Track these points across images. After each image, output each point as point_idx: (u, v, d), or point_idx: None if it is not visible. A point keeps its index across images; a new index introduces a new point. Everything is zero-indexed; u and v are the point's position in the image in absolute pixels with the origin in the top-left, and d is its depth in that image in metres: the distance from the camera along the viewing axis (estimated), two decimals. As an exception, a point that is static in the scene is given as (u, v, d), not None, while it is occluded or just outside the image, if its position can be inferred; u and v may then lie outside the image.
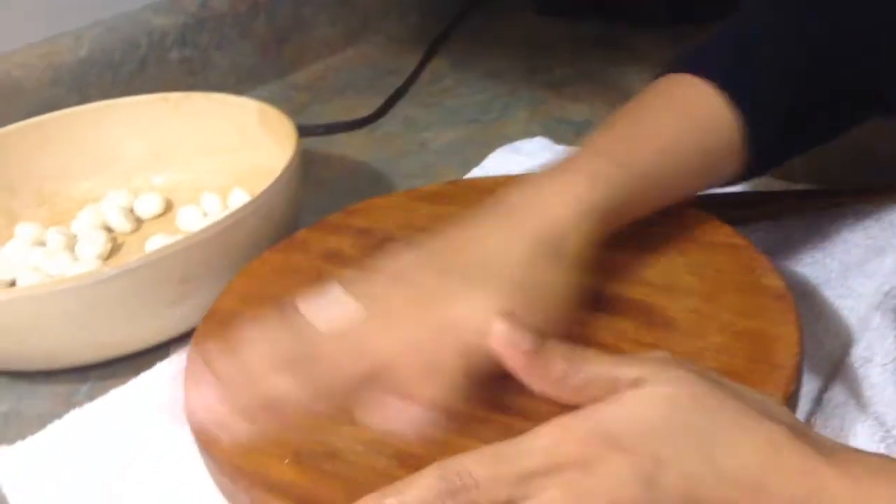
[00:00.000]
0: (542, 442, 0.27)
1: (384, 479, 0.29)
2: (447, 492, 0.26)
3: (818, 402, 0.37)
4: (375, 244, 0.44)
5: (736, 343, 0.34)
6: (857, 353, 0.39)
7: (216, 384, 0.31)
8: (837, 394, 0.37)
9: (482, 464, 0.26)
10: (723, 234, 0.42)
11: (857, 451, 0.27)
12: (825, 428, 0.35)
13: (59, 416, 0.40)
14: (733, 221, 0.43)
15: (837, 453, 0.26)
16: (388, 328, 0.32)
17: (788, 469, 0.25)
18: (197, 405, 0.32)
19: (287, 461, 0.31)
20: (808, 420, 0.36)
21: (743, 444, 0.26)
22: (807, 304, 0.42)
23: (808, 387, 0.37)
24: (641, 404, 0.26)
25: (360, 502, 0.27)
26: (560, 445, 0.26)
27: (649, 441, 0.26)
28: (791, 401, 0.33)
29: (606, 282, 0.39)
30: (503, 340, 0.28)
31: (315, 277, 0.42)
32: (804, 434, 0.26)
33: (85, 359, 0.43)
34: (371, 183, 0.61)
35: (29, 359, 0.43)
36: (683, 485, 0.25)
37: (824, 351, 0.39)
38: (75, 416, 0.40)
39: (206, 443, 0.33)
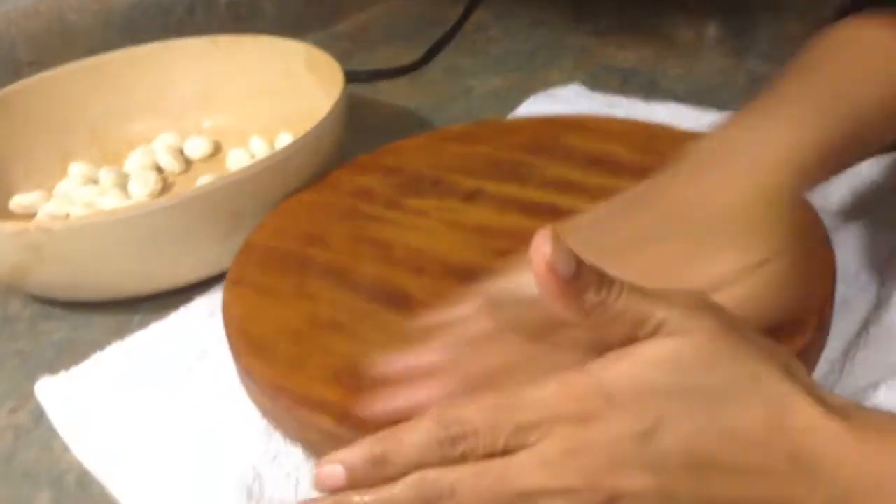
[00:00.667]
0: (542, 394, 0.26)
1: None
2: (446, 439, 0.26)
3: (857, 336, 0.36)
4: (404, 182, 0.45)
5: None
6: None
7: None
8: (874, 335, 0.36)
9: (482, 412, 0.26)
10: None
11: (872, 411, 0.26)
12: (864, 363, 0.35)
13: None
14: None
15: (850, 415, 0.25)
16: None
17: (795, 428, 0.25)
18: None
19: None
20: (846, 353, 0.36)
21: (751, 402, 0.25)
22: (843, 238, 0.41)
23: (849, 319, 0.37)
24: (645, 365, 0.26)
25: (359, 444, 0.27)
26: (559, 399, 0.26)
27: (649, 400, 0.26)
28: (825, 322, 0.33)
29: None
30: (543, 260, 0.26)
31: (345, 213, 0.43)
32: (817, 394, 0.26)
33: (137, 290, 0.45)
34: (414, 128, 0.61)
35: (83, 289, 0.44)
36: (684, 442, 0.25)
37: (862, 283, 0.39)
38: (116, 348, 0.41)
39: (247, 365, 0.34)
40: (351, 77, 0.56)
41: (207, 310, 0.43)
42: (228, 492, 0.33)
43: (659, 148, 0.44)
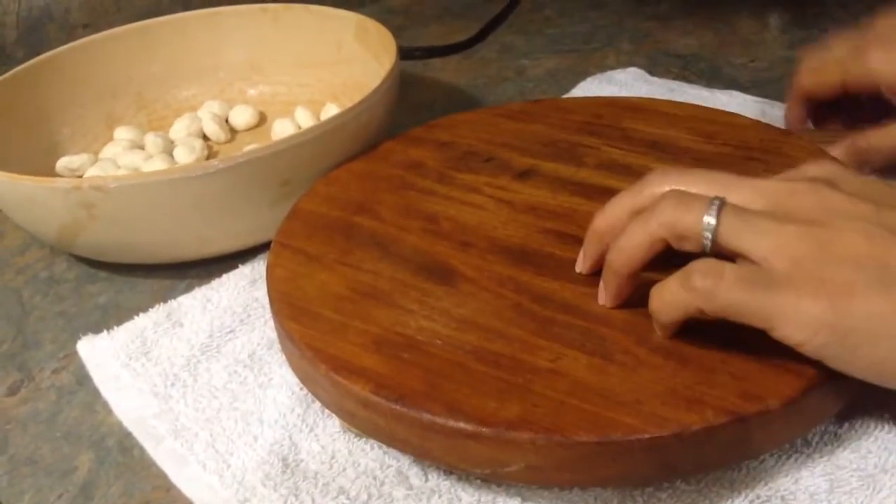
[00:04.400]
0: None
1: (461, 371, 0.30)
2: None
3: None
4: (456, 156, 0.44)
5: None
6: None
7: None
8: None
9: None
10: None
11: None
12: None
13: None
14: None
15: None
16: None
17: None
18: None
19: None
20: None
21: None
22: None
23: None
24: None
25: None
26: None
27: None
28: None
29: None
30: None
31: (395, 184, 0.42)
32: None
33: (185, 254, 0.44)
34: (466, 107, 0.60)
35: (131, 250, 0.44)
36: None
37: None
38: (159, 310, 0.41)
39: (287, 328, 0.33)
40: (403, 54, 0.55)
41: (251, 277, 0.42)
42: (264, 459, 0.32)
43: (724, 136, 0.43)
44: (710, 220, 0.29)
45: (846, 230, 0.28)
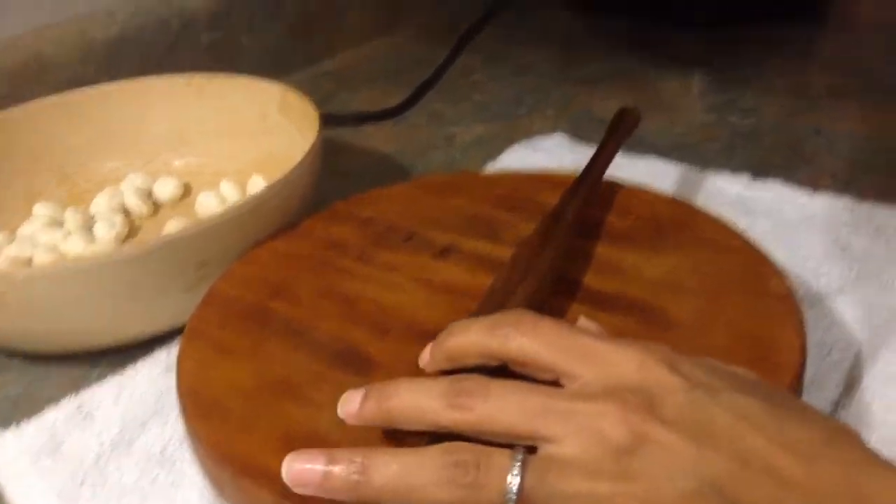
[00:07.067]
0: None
1: None
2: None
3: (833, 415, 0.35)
4: (378, 233, 0.44)
5: (738, 344, 0.34)
6: (876, 368, 0.37)
7: None
8: (851, 412, 0.35)
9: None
10: (729, 236, 0.41)
11: None
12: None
13: (65, 400, 0.40)
14: None
15: None
16: None
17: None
18: None
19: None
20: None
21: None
22: (817, 311, 0.41)
23: (820, 397, 0.36)
24: None
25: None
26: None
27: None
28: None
29: (607, 280, 0.39)
30: None
31: (315, 265, 0.42)
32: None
33: (98, 343, 0.43)
34: (394, 175, 0.61)
35: (42, 340, 0.43)
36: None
37: (834, 360, 0.38)
38: (69, 403, 0.40)
39: (194, 427, 0.33)
40: (330, 120, 0.55)
41: (167, 363, 0.41)
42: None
43: (634, 211, 0.44)
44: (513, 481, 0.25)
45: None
